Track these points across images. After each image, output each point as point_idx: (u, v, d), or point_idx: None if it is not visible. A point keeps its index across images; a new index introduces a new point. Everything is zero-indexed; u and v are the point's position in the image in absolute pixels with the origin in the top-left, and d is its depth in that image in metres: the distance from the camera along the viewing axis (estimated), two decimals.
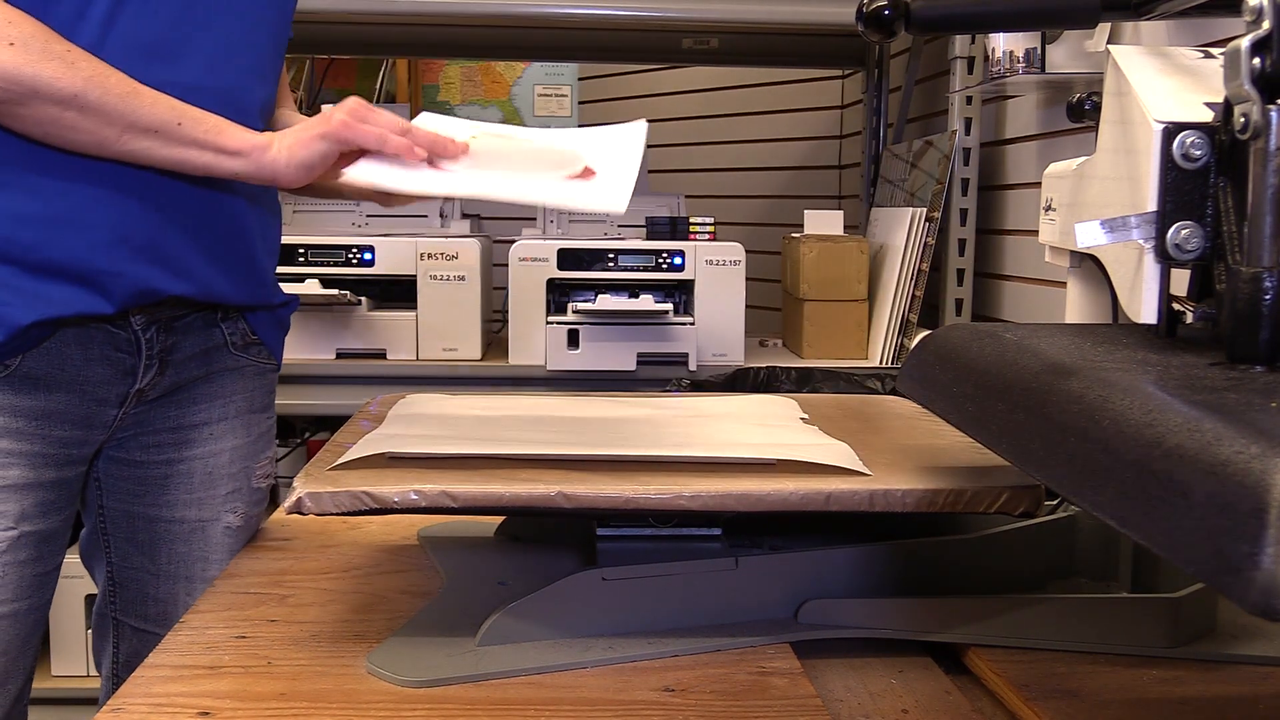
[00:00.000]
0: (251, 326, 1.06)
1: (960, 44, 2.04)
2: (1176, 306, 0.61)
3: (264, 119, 1.02)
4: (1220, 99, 0.55)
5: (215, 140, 0.88)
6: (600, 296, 1.98)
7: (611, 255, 2.00)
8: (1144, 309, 0.60)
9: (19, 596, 0.92)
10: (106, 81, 0.85)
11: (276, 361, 1.11)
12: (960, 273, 2.07)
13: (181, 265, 0.95)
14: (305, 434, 2.46)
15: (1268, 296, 0.50)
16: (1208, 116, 0.58)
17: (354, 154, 0.90)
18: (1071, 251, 0.81)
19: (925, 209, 2.05)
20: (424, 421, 0.90)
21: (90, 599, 1.91)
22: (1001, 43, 1.73)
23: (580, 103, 3.40)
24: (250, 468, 1.08)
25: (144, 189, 0.91)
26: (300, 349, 1.98)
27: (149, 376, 0.97)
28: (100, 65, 0.85)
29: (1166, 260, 0.58)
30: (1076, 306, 0.84)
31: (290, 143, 0.89)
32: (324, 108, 0.93)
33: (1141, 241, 0.59)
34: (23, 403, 0.90)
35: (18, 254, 0.87)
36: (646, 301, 1.96)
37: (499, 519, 0.96)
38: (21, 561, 0.91)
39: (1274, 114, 0.50)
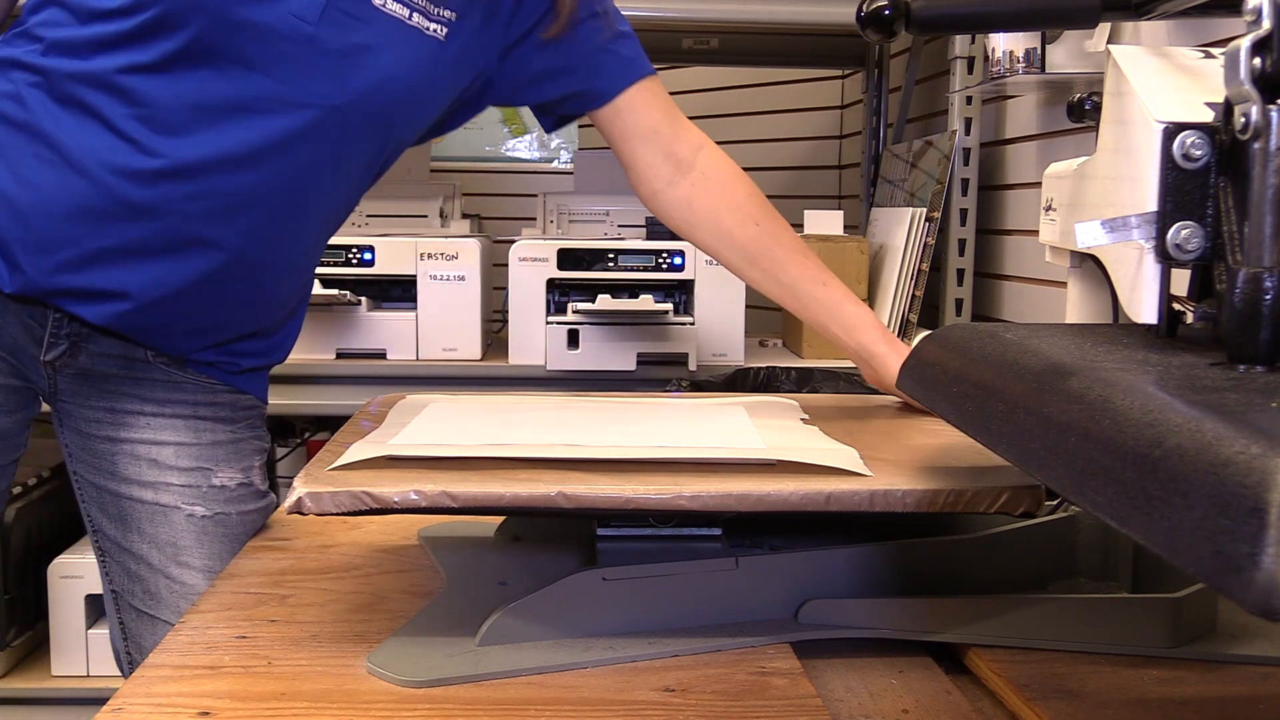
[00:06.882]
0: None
1: (960, 44, 2.04)
2: (1176, 306, 0.61)
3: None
4: (1220, 99, 0.55)
5: None
6: (600, 296, 1.98)
7: (611, 255, 2.00)
8: (1144, 309, 0.60)
9: None
10: None
11: (238, 390, 1.07)
12: (960, 273, 2.06)
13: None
14: (305, 434, 2.46)
15: (1268, 296, 0.50)
16: (1208, 116, 0.58)
17: None
18: (1072, 251, 0.81)
19: (925, 209, 2.05)
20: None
21: (90, 599, 1.91)
22: (1001, 43, 1.73)
23: None
24: (209, 469, 1.05)
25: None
26: (300, 349, 1.96)
27: (56, 354, 0.99)
28: None
29: (1167, 260, 0.58)
30: (1076, 306, 0.84)
31: None
32: None
33: (1142, 241, 0.59)
34: None
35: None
36: (646, 301, 1.96)
37: (499, 519, 0.96)
38: None
39: (1274, 114, 0.50)
